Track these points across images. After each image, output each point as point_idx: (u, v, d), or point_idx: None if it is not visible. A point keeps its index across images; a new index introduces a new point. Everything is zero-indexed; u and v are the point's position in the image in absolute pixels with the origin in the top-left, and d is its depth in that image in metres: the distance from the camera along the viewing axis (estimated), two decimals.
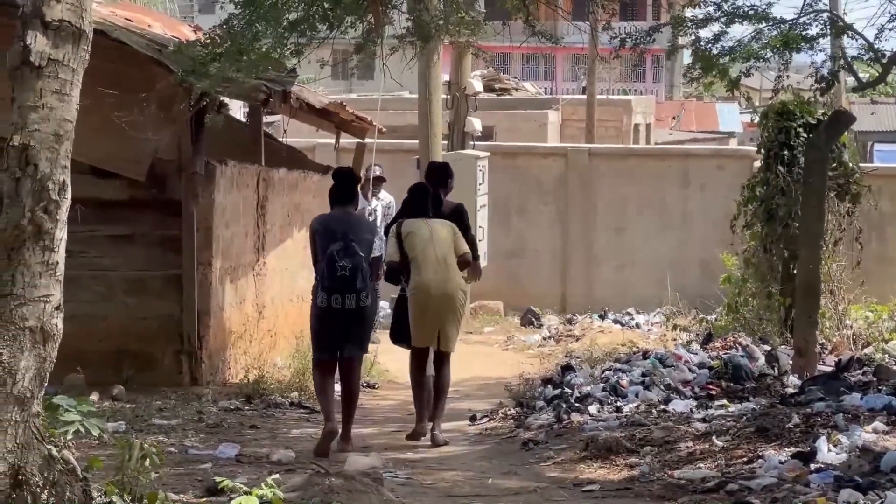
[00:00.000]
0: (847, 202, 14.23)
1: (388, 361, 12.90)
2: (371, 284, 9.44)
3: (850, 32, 11.47)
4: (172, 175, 11.37)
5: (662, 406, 10.11)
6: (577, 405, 10.47)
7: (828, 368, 11.24)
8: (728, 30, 11.38)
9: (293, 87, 12.68)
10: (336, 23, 10.95)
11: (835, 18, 11.83)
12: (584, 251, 19.61)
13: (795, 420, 8.71)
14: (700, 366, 11.52)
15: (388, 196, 15.54)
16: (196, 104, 10.78)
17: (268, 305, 13.03)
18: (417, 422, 10.02)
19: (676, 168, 19.75)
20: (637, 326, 17.75)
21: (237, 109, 17.35)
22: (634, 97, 38.19)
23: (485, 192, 16.93)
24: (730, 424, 9.00)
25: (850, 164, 14.38)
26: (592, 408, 10.32)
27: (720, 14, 11.27)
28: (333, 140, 16.43)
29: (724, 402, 10.04)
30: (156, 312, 11.47)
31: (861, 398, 9.28)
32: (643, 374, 11.23)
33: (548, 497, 7.68)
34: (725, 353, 11.85)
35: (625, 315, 18.45)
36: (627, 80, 58.29)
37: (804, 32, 11.35)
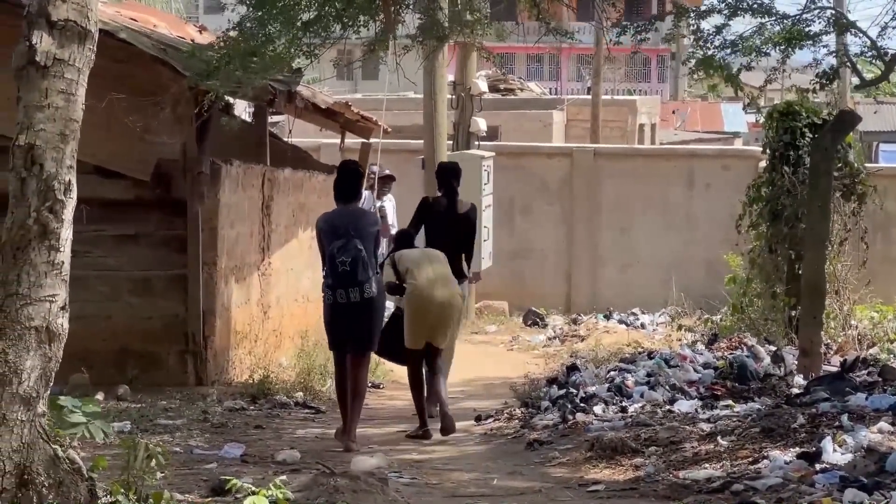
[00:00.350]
0: (852, 202, 14.21)
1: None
2: (375, 276, 9.49)
3: (854, 30, 11.46)
4: (178, 175, 11.35)
5: (667, 406, 10.10)
6: (583, 405, 10.46)
7: (833, 369, 11.21)
8: (730, 23, 11.38)
9: (298, 87, 12.69)
10: (349, 22, 10.93)
11: (838, 15, 11.81)
12: (589, 251, 19.60)
13: (801, 420, 8.70)
14: (705, 366, 11.52)
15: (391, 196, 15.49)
16: (209, 108, 10.79)
17: (273, 305, 13.03)
18: (420, 426, 10.10)
19: (682, 168, 19.74)
20: (642, 326, 17.75)
21: (242, 109, 17.33)
22: (639, 97, 38.19)
23: (490, 193, 16.92)
24: (735, 425, 8.98)
25: (856, 165, 14.38)
26: (597, 408, 10.31)
27: (723, 5, 11.25)
28: (338, 140, 16.42)
29: (730, 403, 10.04)
30: (161, 312, 11.46)
31: (866, 398, 9.26)
32: (648, 375, 11.23)
33: (553, 497, 7.67)
34: (730, 354, 11.84)
35: (630, 315, 18.46)
36: (632, 81, 58.32)
37: (807, 29, 11.34)
